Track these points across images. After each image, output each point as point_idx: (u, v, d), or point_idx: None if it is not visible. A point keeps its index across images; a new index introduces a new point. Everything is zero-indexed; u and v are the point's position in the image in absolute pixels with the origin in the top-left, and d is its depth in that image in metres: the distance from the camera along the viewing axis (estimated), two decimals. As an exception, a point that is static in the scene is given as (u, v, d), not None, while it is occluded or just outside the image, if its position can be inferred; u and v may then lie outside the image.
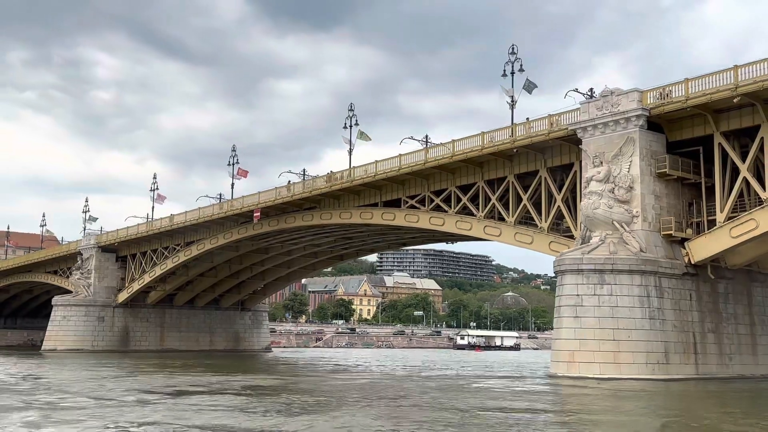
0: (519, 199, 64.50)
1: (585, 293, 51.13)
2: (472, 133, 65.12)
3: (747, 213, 50.99)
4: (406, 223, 73.38)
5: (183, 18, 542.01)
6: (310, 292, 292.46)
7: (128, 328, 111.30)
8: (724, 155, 53.32)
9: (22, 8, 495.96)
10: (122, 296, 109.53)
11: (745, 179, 51.98)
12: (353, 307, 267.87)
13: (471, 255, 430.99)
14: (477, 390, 45.28)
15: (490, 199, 66.42)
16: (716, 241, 52.40)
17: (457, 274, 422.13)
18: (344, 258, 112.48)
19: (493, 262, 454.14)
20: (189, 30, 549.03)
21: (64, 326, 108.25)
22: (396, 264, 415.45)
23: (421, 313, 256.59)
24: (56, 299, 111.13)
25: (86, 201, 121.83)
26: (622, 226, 52.98)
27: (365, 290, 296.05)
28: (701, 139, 54.79)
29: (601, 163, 54.56)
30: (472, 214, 67.89)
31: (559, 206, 61.09)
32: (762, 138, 51.12)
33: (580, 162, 57.51)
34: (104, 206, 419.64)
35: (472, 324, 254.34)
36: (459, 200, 68.92)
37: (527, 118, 61.94)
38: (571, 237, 59.72)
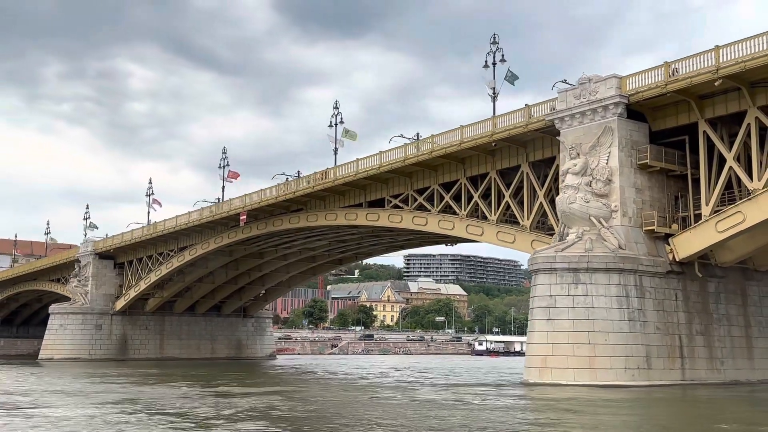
0: (501, 196, 61.17)
1: (558, 294, 47.62)
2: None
3: (733, 205, 47.21)
4: (389, 224, 70.31)
5: (214, 29, 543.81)
6: (333, 298, 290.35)
7: (127, 336, 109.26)
8: (711, 145, 49.61)
9: (57, 22, 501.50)
10: (120, 304, 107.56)
11: (732, 170, 48.26)
12: (375, 313, 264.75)
13: (499, 260, 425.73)
14: (416, 403, 41.95)
15: (473, 197, 63.13)
16: (701, 236, 48.63)
17: (485, 280, 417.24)
18: (343, 262, 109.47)
19: (522, 267, 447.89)
20: (220, 40, 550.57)
21: (60, 335, 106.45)
22: (423, 270, 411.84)
23: (443, 318, 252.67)
24: (53, 307, 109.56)
25: (87, 207, 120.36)
26: (599, 222, 49.43)
27: (388, 296, 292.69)
28: (687, 128, 51.13)
29: (578, 154, 51.06)
30: (456, 213, 64.59)
31: (541, 202, 57.68)
32: (749, 124, 47.36)
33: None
34: (139, 216, 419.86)
35: (496, 329, 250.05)
36: (442, 198, 65.73)
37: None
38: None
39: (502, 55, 62.22)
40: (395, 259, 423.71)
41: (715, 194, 48.57)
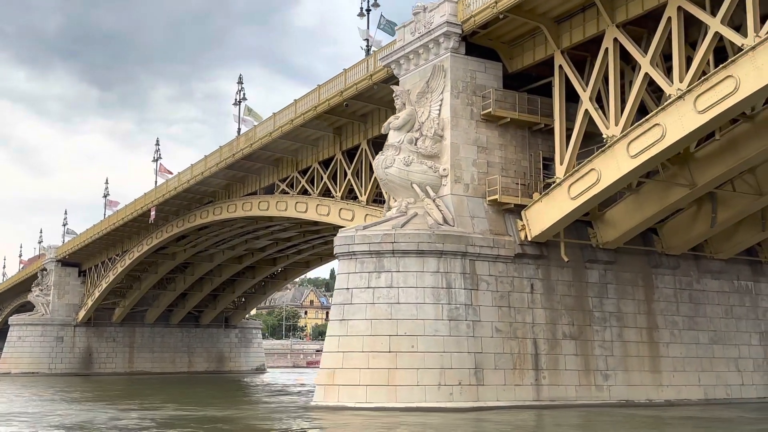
0: (372, 171, 49.64)
1: (356, 286, 35.84)
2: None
3: (586, 162, 34.55)
4: (277, 213, 59.62)
5: (312, 48, 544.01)
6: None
7: (92, 349, 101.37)
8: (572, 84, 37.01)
9: (167, 48, 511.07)
10: (81, 314, 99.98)
11: (588, 114, 35.59)
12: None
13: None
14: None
15: (347, 175, 51.93)
16: (553, 205, 36.01)
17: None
18: (310, 265, 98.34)
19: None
20: (318, 58, 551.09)
21: (19, 348, 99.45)
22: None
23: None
24: (12, 319, 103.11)
25: (65, 213, 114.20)
26: (425, 191, 37.45)
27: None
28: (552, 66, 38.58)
29: (404, 104, 39.19)
30: (332, 196, 53.47)
31: (407, 176, 45.76)
32: (606, 49, 34.67)
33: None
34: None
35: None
36: (321, 178, 54.71)
37: (373, 50, 46.27)
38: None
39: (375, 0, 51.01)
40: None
41: (571, 149, 35.99)
